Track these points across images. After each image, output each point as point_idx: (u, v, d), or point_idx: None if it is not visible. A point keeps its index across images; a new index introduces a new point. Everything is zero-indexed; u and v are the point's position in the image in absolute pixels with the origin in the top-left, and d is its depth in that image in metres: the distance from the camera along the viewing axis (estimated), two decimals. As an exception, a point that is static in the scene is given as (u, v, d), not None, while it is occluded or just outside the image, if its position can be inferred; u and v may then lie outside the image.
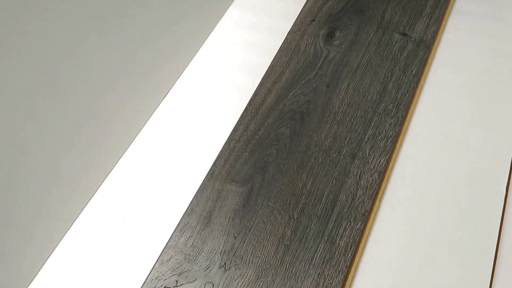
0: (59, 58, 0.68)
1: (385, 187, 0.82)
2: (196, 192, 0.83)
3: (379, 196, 0.80)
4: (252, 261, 0.75)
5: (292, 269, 0.73)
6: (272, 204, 0.81)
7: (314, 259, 0.74)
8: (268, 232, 0.78)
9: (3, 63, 0.60)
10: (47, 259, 0.78)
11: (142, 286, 0.73)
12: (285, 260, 0.74)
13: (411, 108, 0.93)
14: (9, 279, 0.72)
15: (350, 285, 0.72)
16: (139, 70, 0.88)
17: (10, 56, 0.60)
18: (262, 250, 0.76)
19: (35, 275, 0.76)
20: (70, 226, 0.81)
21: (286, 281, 0.72)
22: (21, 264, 0.73)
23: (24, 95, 0.64)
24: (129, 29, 0.82)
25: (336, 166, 0.84)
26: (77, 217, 0.82)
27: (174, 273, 0.74)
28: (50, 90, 0.68)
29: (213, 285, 0.73)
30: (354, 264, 0.73)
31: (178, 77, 1.00)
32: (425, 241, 0.75)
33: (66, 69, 0.70)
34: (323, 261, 0.74)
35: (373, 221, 0.78)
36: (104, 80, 0.79)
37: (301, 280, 0.72)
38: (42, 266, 0.77)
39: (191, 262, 0.75)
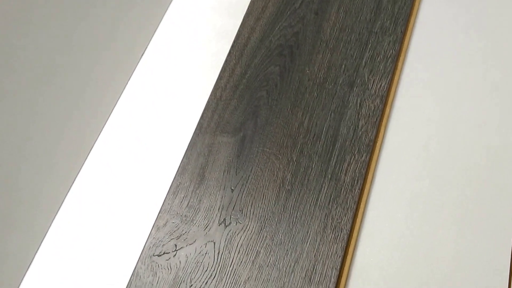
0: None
1: (389, 112, 0.73)
2: (186, 150, 0.77)
3: (383, 123, 0.72)
4: (253, 213, 0.69)
5: (296, 214, 0.67)
6: (268, 150, 0.74)
7: (319, 200, 0.68)
8: (267, 179, 0.71)
9: None
10: (44, 236, 0.74)
11: (141, 255, 0.69)
12: (288, 206, 0.68)
13: (411, 21, 0.83)
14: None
15: (361, 222, 0.66)
16: (114, 25, 0.81)
17: None
18: (262, 199, 0.70)
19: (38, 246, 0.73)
20: (64, 199, 0.77)
21: (291, 227, 0.67)
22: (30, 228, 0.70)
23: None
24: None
25: (333, 98, 0.76)
26: (69, 189, 0.77)
27: (172, 237, 0.69)
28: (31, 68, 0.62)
29: (214, 243, 0.68)
30: (363, 199, 0.67)
31: (155, 29, 0.93)
32: (436, 165, 0.67)
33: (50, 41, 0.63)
34: (329, 201, 0.67)
35: (379, 151, 0.70)
36: (83, 46, 0.72)
37: (307, 223, 0.66)
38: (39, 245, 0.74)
39: (188, 223, 0.70)
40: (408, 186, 0.66)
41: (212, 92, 0.82)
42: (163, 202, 0.72)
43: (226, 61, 0.85)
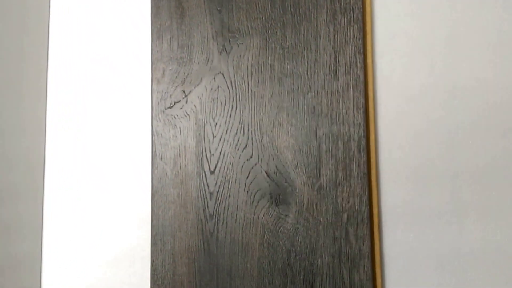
0: None
1: None
2: (151, -14, 0.65)
3: None
4: (251, 27, 0.61)
5: (299, 11, 0.59)
6: (241, -49, 0.62)
7: (319, -14, 0.59)
8: (252, -15, 0.61)
9: None
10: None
11: (152, 113, 0.63)
12: (287, 5, 0.60)
13: None
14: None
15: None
16: None
17: None
18: (256, 9, 0.61)
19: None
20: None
21: (298, 26, 0.59)
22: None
23: None
24: None
25: None
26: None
27: (177, 84, 0.63)
28: None
29: (223, 74, 0.62)
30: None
31: None
32: None
33: None
34: (330, -17, 0.59)
35: None
36: None
37: (314, 17, 0.59)
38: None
39: (187, 64, 0.63)
40: None
41: None
42: (151, 52, 0.64)
43: None
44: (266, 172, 0.59)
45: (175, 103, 0.63)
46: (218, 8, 0.62)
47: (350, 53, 0.57)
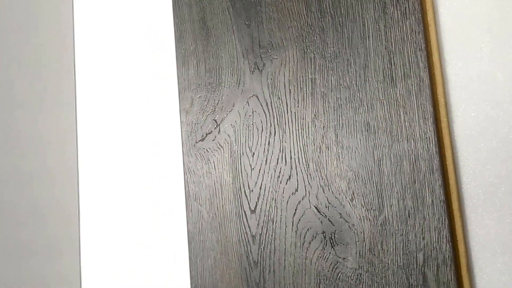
0: None
1: None
2: (173, 8, 0.59)
3: None
4: (285, 38, 0.52)
5: (340, 12, 0.50)
6: (268, -45, 0.54)
7: (360, -21, 0.49)
8: (283, -9, 0.53)
9: None
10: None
11: (183, 148, 0.56)
12: (325, 6, 0.51)
13: None
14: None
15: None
16: None
17: None
18: (289, 16, 0.52)
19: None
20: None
21: (341, 29, 0.50)
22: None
23: None
24: None
25: None
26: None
27: (207, 113, 0.55)
28: None
29: (257, 96, 0.53)
30: None
31: None
32: None
33: None
34: (374, -27, 0.49)
35: None
36: None
37: (359, 15, 0.49)
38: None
39: (216, 89, 0.55)
40: None
41: None
42: (177, 80, 0.57)
43: None
44: (316, 207, 0.48)
45: (206, 135, 0.55)
46: (247, 22, 0.54)
47: (409, 52, 0.46)
